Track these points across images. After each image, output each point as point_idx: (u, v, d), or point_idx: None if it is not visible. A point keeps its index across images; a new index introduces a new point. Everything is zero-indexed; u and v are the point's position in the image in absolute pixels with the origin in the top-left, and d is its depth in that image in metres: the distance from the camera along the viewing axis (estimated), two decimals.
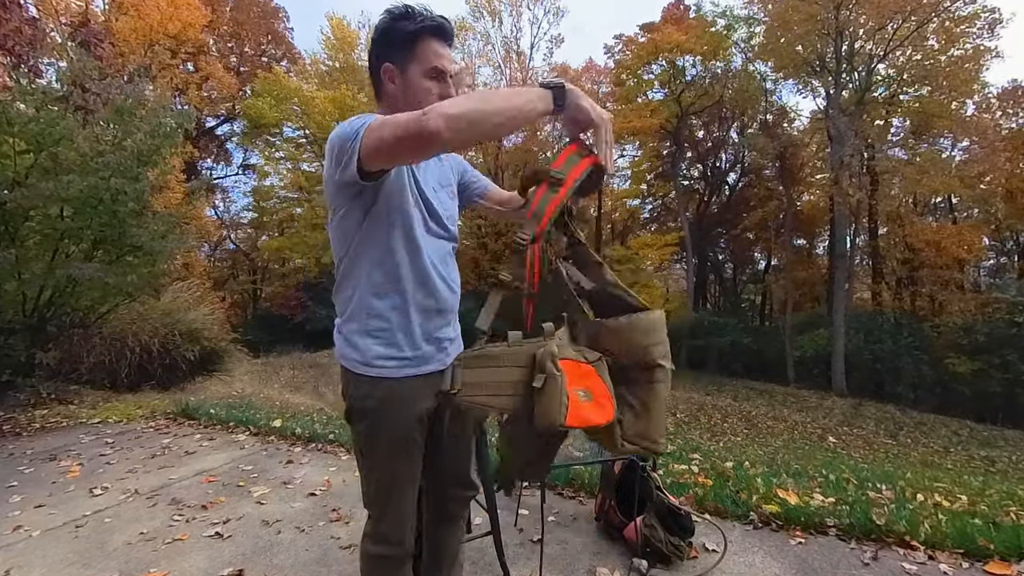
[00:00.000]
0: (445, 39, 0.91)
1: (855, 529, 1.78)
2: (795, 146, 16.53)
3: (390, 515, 0.97)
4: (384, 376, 0.92)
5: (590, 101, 0.83)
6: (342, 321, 0.97)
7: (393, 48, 0.90)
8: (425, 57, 0.89)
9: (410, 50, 0.89)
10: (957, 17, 12.97)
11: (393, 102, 0.93)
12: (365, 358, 0.91)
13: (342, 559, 1.73)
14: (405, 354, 0.92)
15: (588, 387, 0.76)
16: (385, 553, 0.98)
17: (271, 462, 2.74)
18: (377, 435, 0.94)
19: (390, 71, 0.91)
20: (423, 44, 0.89)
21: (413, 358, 0.93)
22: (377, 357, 0.91)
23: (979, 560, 1.61)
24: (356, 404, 0.95)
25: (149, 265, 4.27)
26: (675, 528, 1.63)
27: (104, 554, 1.79)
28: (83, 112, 3.89)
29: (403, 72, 0.90)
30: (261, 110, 17.24)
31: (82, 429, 3.45)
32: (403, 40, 0.89)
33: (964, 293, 14.30)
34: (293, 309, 17.29)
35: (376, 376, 0.92)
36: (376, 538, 0.98)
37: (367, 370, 0.92)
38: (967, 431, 10.15)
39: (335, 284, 0.99)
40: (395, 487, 0.96)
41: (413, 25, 0.88)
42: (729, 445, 7.57)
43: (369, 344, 0.91)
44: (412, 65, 0.90)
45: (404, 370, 0.93)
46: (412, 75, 0.90)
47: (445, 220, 0.98)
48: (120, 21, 14.03)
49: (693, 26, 17.33)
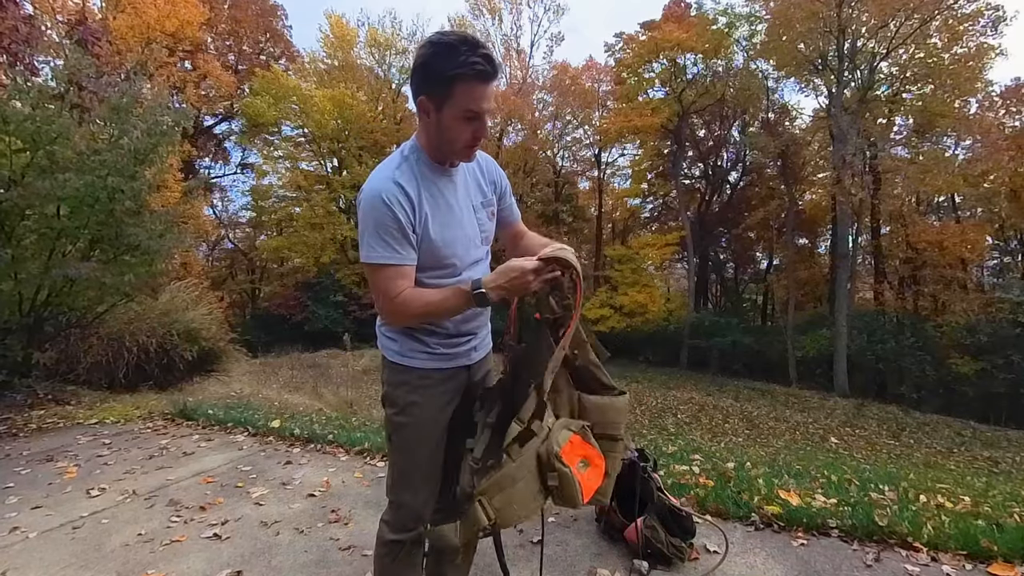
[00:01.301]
0: (487, 80, 0.88)
1: (857, 530, 1.76)
2: (797, 145, 16.48)
3: (408, 502, 1.06)
4: (415, 366, 1.04)
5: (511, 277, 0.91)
6: (383, 322, 1.09)
7: (431, 84, 0.89)
8: (462, 101, 0.88)
9: (447, 91, 0.87)
10: (960, 15, 12.93)
11: (428, 132, 0.96)
12: (401, 349, 1.05)
13: (341, 560, 1.72)
14: (436, 350, 1.04)
15: (585, 455, 0.89)
16: (399, 539, 1.06)
17: (270, 463, 2.72)
18: (405, 420, 1.05)
19: (425, 105, 0.91)
20: (461, 87, 0.86)
21: (443, 354, 1.05)
22: (411, 350, 1.04)
23: (982, 562, 1.60)
24: (389, 389, 1.08)
25: (147, 265, 4.25)
26: (676, 529, 1.62)
27: (101, 555, 1.78)
28: (80, 110, 3.87)
29: (438, 110, 0.90)
30: (259, 109, 17.24)
31: (79, 430, 3.43)
32: (440, 79, 0.87)
33: (967, 293, 14.24)
34: (292, 309, 17.29)
35: (408, 365, 1.04)
36: (393, 524, 1.07)
37: (401, 359, 1.05)
38: (970, 432, 10.10)
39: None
40: (416, 475, 1.06)
41: (452, 68, 0.85)
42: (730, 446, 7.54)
43: (405, 339, 1.04)
44: (448, 106, 0.89)
45: (433, 362, 1.05)
46: (446, 115, 0.90)
47: (482, 238, 1.08)
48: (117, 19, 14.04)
49: (694, 24, 17.29)
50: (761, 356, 16.33)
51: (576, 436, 0.90)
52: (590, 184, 22.81)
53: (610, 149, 21.11)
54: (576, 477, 0.83)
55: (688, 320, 17.13)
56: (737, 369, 16.18)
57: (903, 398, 12.77)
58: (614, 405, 0.98)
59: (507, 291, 0.91)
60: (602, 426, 0.96)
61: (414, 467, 1.06)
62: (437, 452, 1.07)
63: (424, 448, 1.05)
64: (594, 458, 0.89)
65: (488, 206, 1.09)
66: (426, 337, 1.04)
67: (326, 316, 16.78)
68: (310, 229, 18.07)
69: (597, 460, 0.90)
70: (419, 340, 1.04)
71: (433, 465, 1.07)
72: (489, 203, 1.09)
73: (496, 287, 0.90)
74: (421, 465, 1.06)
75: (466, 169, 1.05)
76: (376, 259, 0.92)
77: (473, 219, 1.05)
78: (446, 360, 1.06)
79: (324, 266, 18.12)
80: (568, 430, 0.90)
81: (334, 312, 16.91)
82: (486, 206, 1.08)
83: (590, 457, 0.89)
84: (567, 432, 0.89)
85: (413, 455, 1.05)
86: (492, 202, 1.10)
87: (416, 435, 1.05)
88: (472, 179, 1.06)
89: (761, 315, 20.71)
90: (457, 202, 1.02)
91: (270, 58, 20.63)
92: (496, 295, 0.91)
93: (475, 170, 1.07)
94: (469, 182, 1.05)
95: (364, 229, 0.93)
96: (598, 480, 0.88)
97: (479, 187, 1.08)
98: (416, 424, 1.05)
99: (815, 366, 15.07)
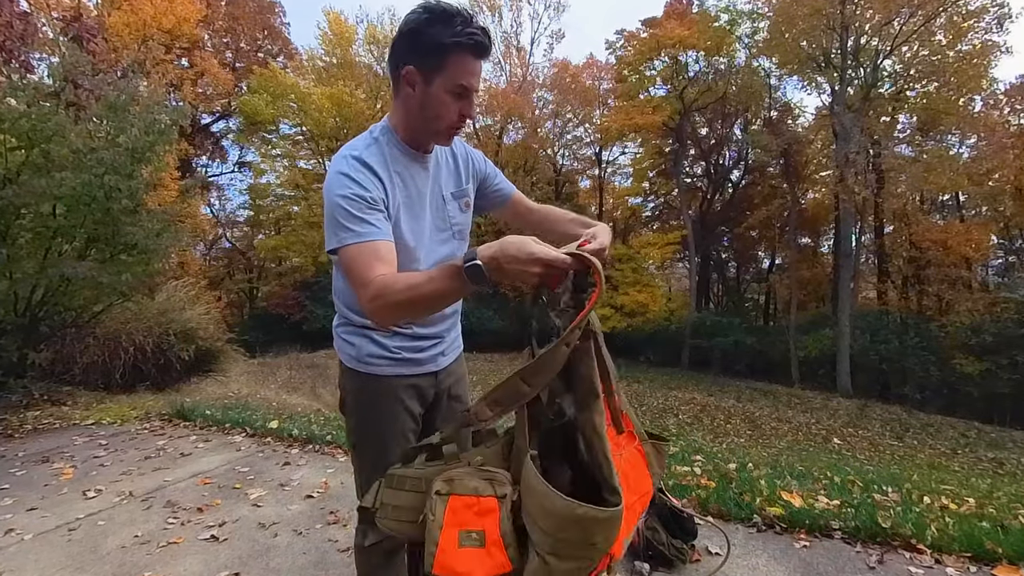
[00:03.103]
0: (481, 55, 0.82)
1: (860, 532, 1.76)
2: (800, 143, 16.37)
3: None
4: (375, 373, 0.95)
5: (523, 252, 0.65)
6: (339, 322, 1.01)
7: (420, 53, 0.81)
8: (455, 73, 0.81)
9: (439, 61, 0.80)
10: (965, 12, 12.84)
11: (407, 108, 0.87)
12: (359, 354, 0.95)
13: (340, 562, 1.71)
14: (396, 354, 0.95)
15: (483, 528, 0.63)
16: (375, 540, 0.97)
17: (268, 464, 2.71)
18: (367, 429, 0.97)
19: (412, 75, 0.83)
20: (456, 58, 0.80)
21: (404, 359, 0.96)
22: (369, 355, 0.94)
23: (987, 564, 1.59)
24: (348, 397, 0.99)
25: (143, 264, 4.24)
26: (677, 531, 1.61)
27: (98, 558, 1.77)
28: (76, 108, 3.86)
29: (427, 82, 0.82)
30: (257, 107, 17.19)
31: (75, 431, 3.42)
32: (434, 48, 0.80)
33: (972, 292, 14.12)
34: (290, 309, 17.23)
35: (367, 372, 0.95)
36: (365, 531, 0.99)
37: (359, 366, 0.95)
38: (975, 433, 10.04)
39: (334, 286, 1.01)
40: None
41: (449, 35, 0.78)
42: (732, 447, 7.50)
43: (363, 342, 0.94)
44: (438, 77, 0.82)
45: (395, 368, 0.95)
46: (435, 89, 0.82)
47: (454, 231, 0.97)
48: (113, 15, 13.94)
49: (696, 21, 17.21)
50: (763, 356, 16.27)
51: (490, 500, 0.65)
52: (591, 183, 22.76)
53: (611, 147, 21.04)
54: (437, 533, 0.63)
55: (689, 320, 17.08)
56: (739, 369, 16.12)
57: (907, 399, 12.70)
58: (566, 512, 0.57)
59: (502, 273, 0.67)
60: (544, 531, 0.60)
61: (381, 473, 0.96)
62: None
63: (388, 458, 0.91)
64: (494, 544, 0.62)
65: (462, 196, 0.99)
66: (387, 340, 0.93)
67: (324, 316, 16.66)
68: (308, 228, 18.01)
69: (495, 549, 0.62)
70: (379, 344, 0.93)
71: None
72: (463, 193, 0.99)
73: (492, 262, 0.66)
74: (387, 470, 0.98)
75: (440, 156, 0.96)
76: (346, 240, 0.77)
77: (444, 211, 0.95)
78: (410, 366, 0.96)
79: (323, 265, 18.04)
80: (490, 489, 0.65)
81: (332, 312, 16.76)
82: (458, 197, 0.98)
83: (491, 540, 0.62)
84: (486, 487, 0.66)
85: (376, 465, 0.93)
86: (467, 192, 1.00)
87: (378, 444, 0.95)
88: (446, 167, 0.98)
89: (763, 315, 20.63)
90: (428, 191, 0.93)
91: (268, 55, 20.48)
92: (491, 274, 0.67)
93: (449, 159, 0.98)
94: (443, 170, 0.97)
95: (328, 215, 0.80)
96: (475, 569, 0.61)
97: (454, 176, 0.98)
98: (377, 434, 0.96)
99: (818, 366, 14.99)
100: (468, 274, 0.67)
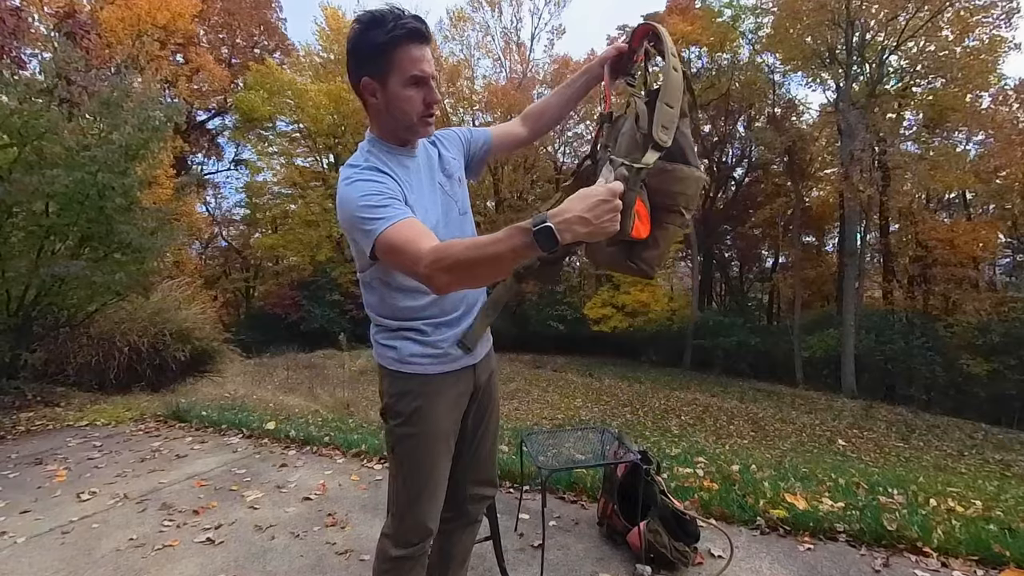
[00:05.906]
0: (422, 41, 0.86)
1: (866, 535, 1.75)
2: (804, 140, 16.22)
3: (414, 516, 0.99)
4: (418, 372, 0.96)
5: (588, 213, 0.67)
6: (376, 331, 1.01)
7: (368, 61, 0.87)
8: (403, 66, 0.85)
9: (385, 61, 0.85)
10: (972, 7, 12.68)
11: (379, 116, 0.92)
12: (401, 356, 0.96)
13: (337, 565, 1.70)
14: (439, 348, 0.96)
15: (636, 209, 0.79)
16: (405, 555, 0.99)
17: (264, 466, 2.69)
18: (410, 431, 0.97)
19: (370, 86, 0.89)
20: (398, 52, 0.85)
21: (445, 353, 0.97)
22: (412, 355, 0.96)
23: (994, 567, 1.58)
24: (392, 401, 0.99)
25: (138, 263, 4.21)
26: (680, 533, 1.60)
27: (92, 561, 1.75)
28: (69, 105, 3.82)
29: (383, 86, 0.88)
30: (253, 103, 17.06)
31: (69, 432, 3.38)
32: (376, 52, 0.85)
33: (979, 292, 14.00)
34: (287, 308, 17.13)
35: (411, 373, 0.96)
36: (397, 540, 0.99)
37: (403, 367, 0.96)
38: (982, 434, 9.93)
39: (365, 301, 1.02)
40: (423, 489, 0.98)
41: (384, 35, 0.83)
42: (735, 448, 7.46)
43: (404, 344, 0.96)
44: (391, 77, 0.86)
45: (437, 366, 0.97)
46: (392, 87, 0.87)
47: (459, 208, 1.02)
48: (107, 11, 13.74)
49: (699, 16, 17.11)
50: (767, 356, 16.15)
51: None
52: None
53: None
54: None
55: (692, 319, 16.98)
56: (742, 370, 16.00)
57: (912, 399, 12.59)
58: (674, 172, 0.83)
59: (590, 232, 0.65)
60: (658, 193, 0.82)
61: (421, 481, 0.98)
62: (445, 463, 1.01)
63: (431, 460, 0.98)
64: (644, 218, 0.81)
65: (454, 173, 1.05)
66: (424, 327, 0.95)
67: (322, 315, 16.67)
68: (305, 226, 17.93)
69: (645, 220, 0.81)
70: (420, 342, 0.95)
71: (441, 477, 1.00)
72: (454, 171, 1.05)
73: (566, 224, 0.64)
74: (428, 478, 0.98)
75: (425, 148, 1.02)
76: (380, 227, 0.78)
77: (445, 193, 1.01)
78: (450, 361, 0.98)
79: (320, 264, 17.99)
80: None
81: (330, 311, 16.75)
82: (451, 176, 1.04)
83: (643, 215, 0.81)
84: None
85: (419, 468, 0.97)
86: (456, 169, 1.06)
87: (423, 447, 0.97)
88: (433, 155, 1.03)
89: (767, 314, 20.52)
90: (427, 180, 0.99)
91: (264, 51, 20.31)
92: (571, 236, 0.64)
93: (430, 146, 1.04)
94: (432, 159, 1.02)
95: (351, 226, 0.83)
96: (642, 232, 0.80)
97: (439, 159, 1.04)
98: (423, 435, 0.97)
99: (822, 366, 14.89)
100: (538, 238, 0.65)
